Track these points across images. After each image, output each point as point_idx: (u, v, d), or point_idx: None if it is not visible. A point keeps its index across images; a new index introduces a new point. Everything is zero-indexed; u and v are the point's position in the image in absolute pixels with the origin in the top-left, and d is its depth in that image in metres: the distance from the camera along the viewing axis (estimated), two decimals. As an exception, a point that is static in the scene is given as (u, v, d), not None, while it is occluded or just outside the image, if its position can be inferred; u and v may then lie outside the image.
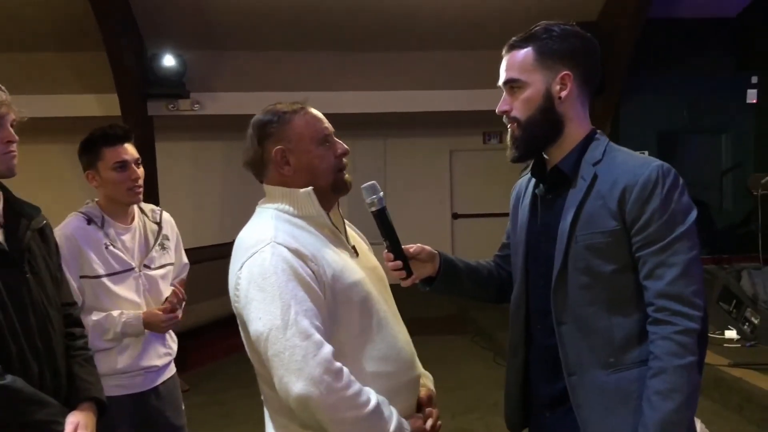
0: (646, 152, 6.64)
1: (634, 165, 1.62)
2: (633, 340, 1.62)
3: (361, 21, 6.87)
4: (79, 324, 2.09)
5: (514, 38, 1.71)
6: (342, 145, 1.77)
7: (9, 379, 1.70)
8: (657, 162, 1.61)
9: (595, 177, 1.64)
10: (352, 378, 1.54)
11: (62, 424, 1.80)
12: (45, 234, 1.99)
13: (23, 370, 1.76)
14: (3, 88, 1.82)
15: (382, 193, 1.76)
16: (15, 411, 1.71)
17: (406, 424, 1.63)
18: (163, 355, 2.62)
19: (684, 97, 7.37)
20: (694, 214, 1.59)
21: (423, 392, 1.83)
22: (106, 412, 1.98)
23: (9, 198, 1.90)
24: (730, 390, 4.65)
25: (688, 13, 7.22)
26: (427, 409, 1.79)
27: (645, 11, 6.52)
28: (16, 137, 1.82)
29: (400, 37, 7.18)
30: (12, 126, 1.82)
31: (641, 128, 7.33)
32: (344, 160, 1.77)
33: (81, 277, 2.42)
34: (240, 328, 1.68)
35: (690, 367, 1.53)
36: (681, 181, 1.60)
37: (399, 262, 1.76)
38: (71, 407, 1.87)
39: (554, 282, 1.66)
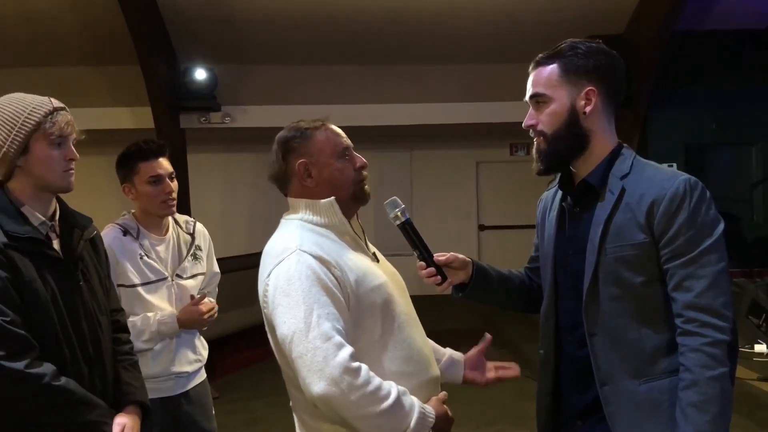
0: (674, 165, 6.61)
1: (662, 178, 1.65)
2: (662, 350, 1.65)
3: (388, 35, 6.95)
4: (126, 330, 2.18)
5: (540, 55, 1.76)
6: (360, 158, 1.87)
7: (63, 380, 1.79)
8: (684, 176, 1.64)
9: (623, 190, 1.67)
10: (371, 374, 1.60)
11: (110, 425, 1.88)
12: (96, 244, 2.09)
13: (75, 374, 1.84)
14: (66, 107, 1.91)
15: (404, 206, 1.85)
16: (69, 411, 1.80)
17: (429, 409, 1.68)
18: (193, 361, 2.69)
19: (712, 109, 7.32)
20: (721, 226, 1.62)
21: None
22: (149, 414, 2.07)
23: (63, 209, 2.00)
24: (758, 404, 4.60)
25: (716, 25, 7.18)
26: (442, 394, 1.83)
27: (672, 24, 6.51)
28: (77, 155, 1.91)
29: (428, 50, 7.24)
30: (73, 144, 1.91)
31: (669, 141, 7.29)
32: (363, 172, 1.86)
33: (118, 286, 2.50)
34: (268, 333, 1.76)
35: (722, 378, 1.55)
36: (708, 194, 1.63)
37: (432, 269, 1.83)
38: (117, 409, 1.95)
39: (585, 294, 1.69)
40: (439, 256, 1.85)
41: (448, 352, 2.05)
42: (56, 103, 1.89)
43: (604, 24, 6.57)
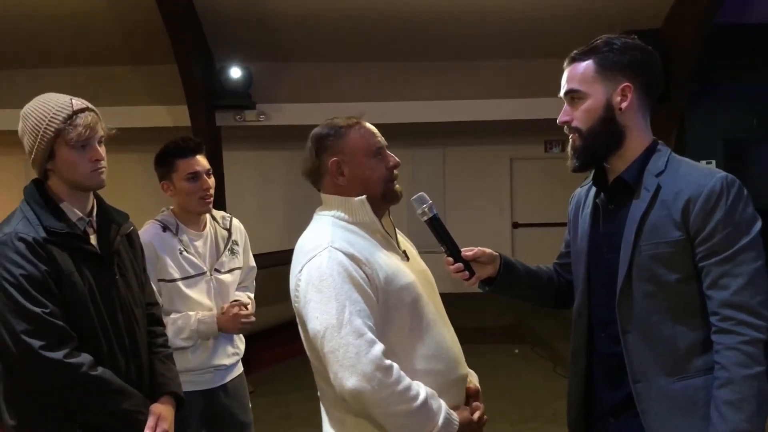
0: (713, 162, 6.49)
1: (698, 176, 1.64)
2: (697, 348, 1.64)
3: (422, 32, 6.94)
4: (161, 323, 2.24)
5: (575, 51, 1.75)
6: (393, 157, 1.87)
7: (100, 370, 1.85)
8: (721, 173, 1.63)
9: (658, 188, 1.66)
10: (402, 374, 1.62)
11: (145, 414, 1.94)
12: (132, 239, 2.15)
13: (112, 364, 1.91)
14: (93, 107, 1.96)
15: (431, 202, 1.85)
16: (105, 400, 1.87)
17: (454, 415, 1.70)
18: (231, 354, 2.75)
19: (753, 104, 7.14)
20: (758, 225, 1.61)
21: (469, 386, 1.91)
22: (183, 405, 2.12)
23: (101, 205, 2.06)
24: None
25: (756, 18, 7.00)
26: (474, 403, 1.86)
27: (711, 17, 6.36)
28: (103, 155, 1.96)
29: (461, 47, 7.21)
30: (101, 142, 1.96)
31: (708, 137, 7.13)
32: (395, 171, 1.87)
33: (159, 280, 2.56)
34: (299, 327, 1.79)
35: (759, 377, 1.54)
36: (745, 192, 1.62)
37: (460, 265, 1.83)
38: (152, 400, 2.01)
39: (619, 291, 1.69)
40: (467, 251, 1.85)
41: None
42: (77, 104, 1.92)
43: (642, 19, 6.46)
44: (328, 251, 1.69)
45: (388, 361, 1.61)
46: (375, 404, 1.59)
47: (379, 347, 1.61)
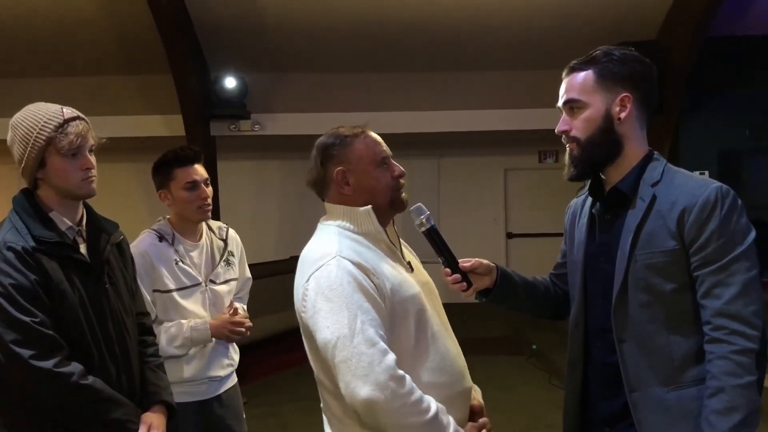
0: (707, 172, 6.51)
1: (693, 186, 1.65)
2: (691, 358, 1.64)
3: (417, 43, 6.96)
4: (151, 333, 2.23)
5: (574, 61, 1.76)
6: (398, 167, 1.86)
7: (91, 379, 1.84)
8: (716, 183, 1.64)
9: (654, 198, 1.67)
10: (414, 385, 1.61)
11: (137, 423, 1.93)
12: (122, 248, 2.14)
13: (103, 374, 1.90)
14: (83, 116, 1.96)
15: (429, 213, 1.85)
16: (96, 409, 1.85)
17: (461, 431, 1.68)
18: (226, 365, 2.73)
19: (746, 115, 7.19)
20: (752, 235, 1.62)
21: (474, 404, 1.89)
22: (174, 414, 2.11)
23: (91, 214, 2.05)
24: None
25: (750, 30, 7.06)
26: (482, 419, 1.84)
27: (705, 29, 6.41)
28: (93, 164, 1.95)
29: (456, 58, 7.24)
30: (91, 150, 1.95)
31: (701, 147, 7.17)
32: (401, 180, 1.86)
33: (153, 291, 2.55)
34: (303, 338, 1.77)
35: (748, 386, 1.55)
36: (740, 202, 1.63)
37: (458, 276, 1.82)
38: (143, 409, 2.00)
39: (614, 300, 1.69)
40: (464, 262, 1.85)
41: None
42: (68, 113, 1.92)
43: (636, 30, 6.50)
44: (336, 260, 1.67)
45: (401, 372, 1.59)
46: (388, 414, 1.57)
47: (392, 357, 1.59)
